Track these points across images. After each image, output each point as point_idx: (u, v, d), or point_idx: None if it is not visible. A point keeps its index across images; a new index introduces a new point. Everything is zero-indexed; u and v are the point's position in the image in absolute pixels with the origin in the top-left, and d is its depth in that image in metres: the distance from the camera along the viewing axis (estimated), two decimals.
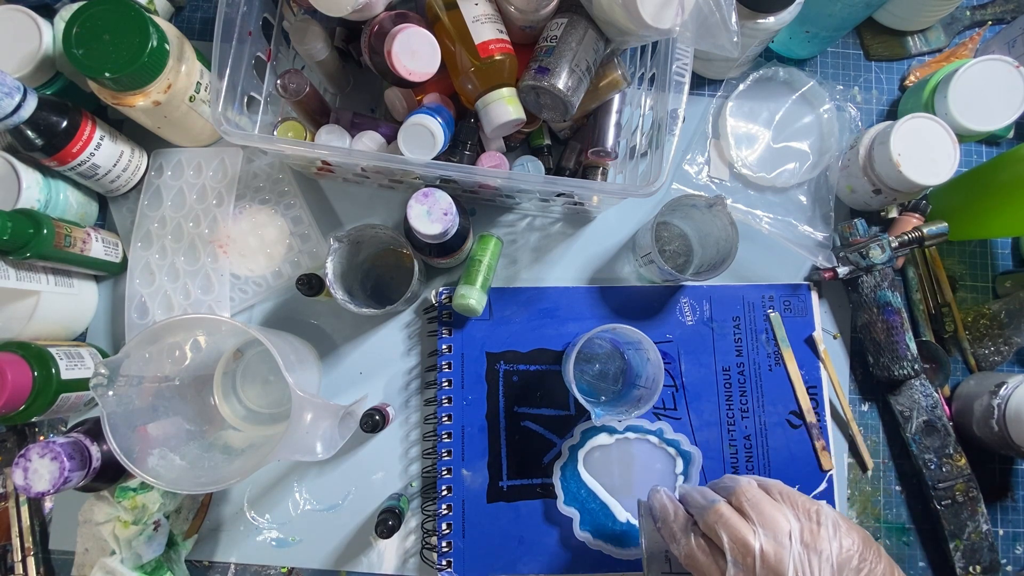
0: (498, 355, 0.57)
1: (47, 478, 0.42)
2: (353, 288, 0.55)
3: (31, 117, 0.47)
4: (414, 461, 0.57)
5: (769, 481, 0.39)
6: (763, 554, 0.34)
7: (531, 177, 0.49)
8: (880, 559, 0.34)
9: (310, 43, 0.51)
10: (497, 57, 0.47)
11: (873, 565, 0.34)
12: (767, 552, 0.34)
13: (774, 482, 0.38)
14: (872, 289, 0.55)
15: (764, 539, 0.34)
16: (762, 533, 0.35)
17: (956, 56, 0.64)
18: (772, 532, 0.35)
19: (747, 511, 0.36)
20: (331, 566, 0.55)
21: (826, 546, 0.34)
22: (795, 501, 0.36)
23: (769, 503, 0.36)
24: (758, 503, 0.36)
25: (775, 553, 0.34)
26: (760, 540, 0.34)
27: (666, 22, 0.43)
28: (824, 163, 0.60)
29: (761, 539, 0.34)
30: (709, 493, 0.39)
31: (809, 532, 0.34)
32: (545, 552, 0.54)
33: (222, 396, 0.54)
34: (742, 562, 0.35)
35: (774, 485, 0.38)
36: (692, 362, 0.57)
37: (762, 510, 0.36)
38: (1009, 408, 0.51)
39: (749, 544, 0.35)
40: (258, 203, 0.59)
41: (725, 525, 0.36)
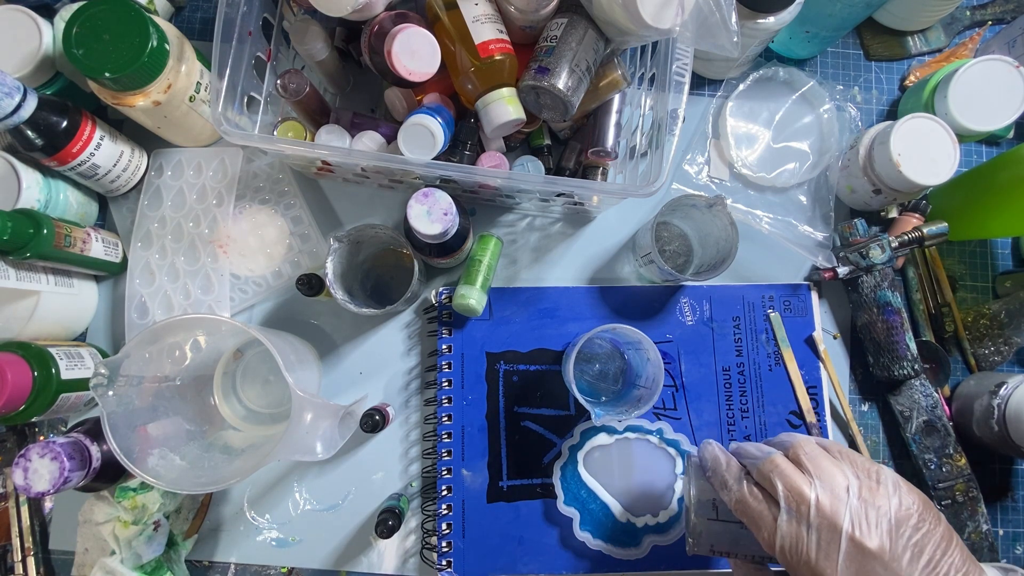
0: (498, 355, 0.57)
1: (47, 478, 0.42)
2: (353, 288, 0.55)
3: (31, 117, 0.47)
4: (414, 461, 0.57)
5: (828, 441, 0.38)
6: (819, 504, 0.34)
7: (531, 177, 0.49)
8: (939, 523, 0.34)
9: (310, 43, 0.51)
10: (497, 57, 0.47)
11: (932, 527, 0.33)
12: (823, 503, 0.34)
13: (833, 442, 0.38)
14: (872, 289, 0.55)
15: (820, 490, 0.34)
16: (819, 485, 0.34)
17: (956, 56, 0.64)
18: (829, 485, 0.34)
19: (804, 464, 0.35)
20: (331, 566, 0.55)
21: (884, 502, 0.33)
22: (854, 460, 0.36)
23: (827, 458, 0.36)
24: (816, 457, 0.36)
25: (831, 504, 0.34)
26: (816, 491, 0.34)
27: (666, 22, 0.43)
28: (824, 163, 0.60)
29: (817, 490, 0.34)
30: (765, 447, 0.39)
31: (868, 488, 0.34)
32: (545, 552, 0.54)
33: (222, 396, 0.54)
34: (796, 510, 0.34)
35: (833, 444, 0.37)
36: (692, 362, 0.57)
37: (819, 463, 0.35)
38: (1009, 408, 0.51)
39: (805, 494, 0.34)
40: (258, 203, 0.59)
41: (781, 474, 0.35)
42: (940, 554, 0.32)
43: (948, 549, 0.33)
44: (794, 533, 0.34)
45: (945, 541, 0.33)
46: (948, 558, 0.32)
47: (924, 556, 0.32)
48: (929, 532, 0.33)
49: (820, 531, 0.34)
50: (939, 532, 0.33)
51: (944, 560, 0.32)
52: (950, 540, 0.33)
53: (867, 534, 0.33)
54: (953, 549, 0.33)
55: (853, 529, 0.33)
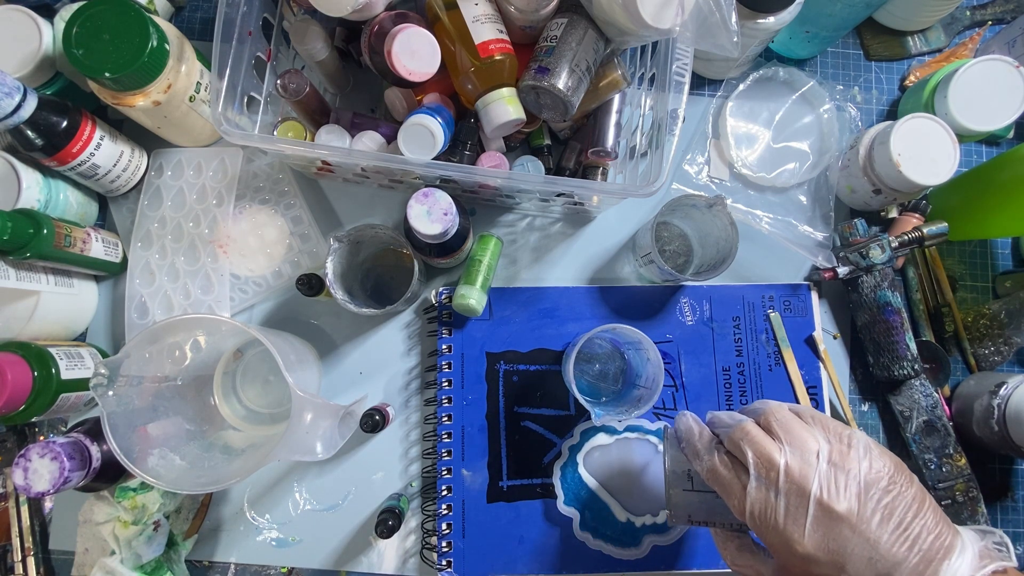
0: (498, 355, 0.57)
1: (47, 478, 0.42)
2: (353, 288, 0.55)
3: (31, 117, 0.47)
4: (414, 461, 0.57)
5: (801, 406, 0.38)
6: (788, 469, 0.34)
7: (531, 177, 0.50)
8: (911, 484, 0.33)
9: (310, 43, 0.51)
10: (497, 57, 0.47)
11: (903, 489, 0.33)
12: (792, 467, 0.34)
13: (806, 407, 0.38)
14: (872, 289, 0.55)
15: (790, 456, 0.34)
16: (788, 450, 0.34)
17: (956, 56, 0.64)
18: (799, 451, 0.34)
19: (775, 430, 0.35)
20: (331, 566, 0.55)
21: (855, 466, 0.33)
22: (827, 425, 0.36)
23: (799, 424, 0.35)
24: (787, 423, 0.35)
25: (800, 469, 0.33)
26: (786, 456, 0.34)
27: (666, 22, 0.43)
28: (824, 163, 0.60)
29: (787, 455, 0.34)
30: (737, 415, 0.39)
31: (838, 453, 0.34)
32: (545, 552, 0.54)
33: (222, 396, 0.54)
34: (765, 476, 0.34)
35: (806, 410, 0.37)
36: (692, 362, 0.57)
37: (790, 429, 0.35)
38: (1009, 408, 0.51)
39: (774, 459, 0.34)
40: (258, 203, 0.59)
41: (751, 442, 0.35)
42: (911, 516, 0.32)
43: (920, 511, 0.32)
44: (763, 499, 0.34)
45: (917, 503, 0.33)
46: (919, 520, 0.32)
47: (894, 518, 0.32)
48: (900, 494, 0.33)
49: (788, 496, 0.33)
50: (910, 494, 0.33)
51: (916, 522, 0.32)
52: (923, 502, 0.33)
53: (835, 498, 0.32)
54: (926, 511, 0.33)
55: (822, 493, 0.33)
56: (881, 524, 0.32)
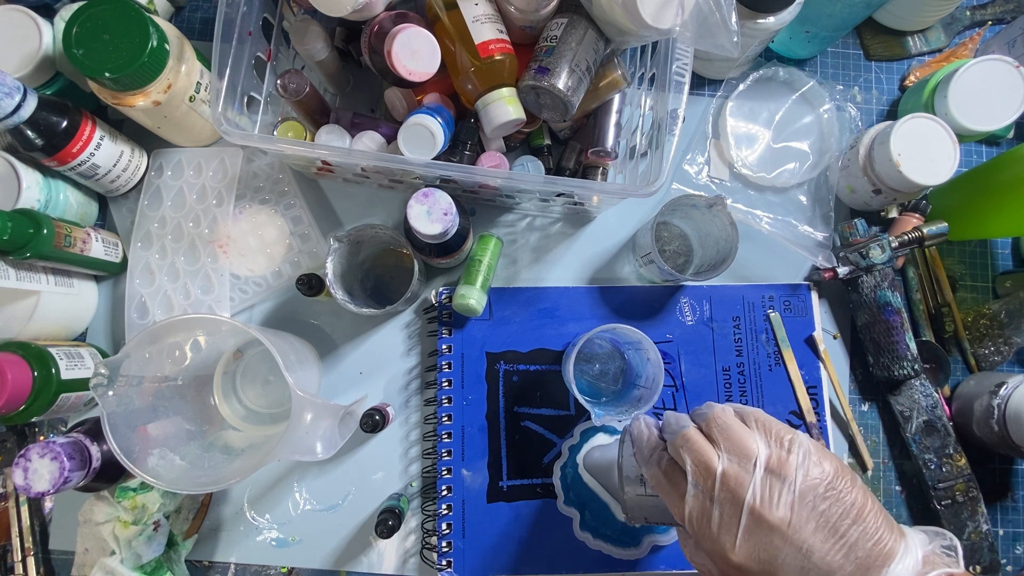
0: (498, 355, 0.57)
1: (47, 478, 0.42)
2: (353, 288, 0.55)
3: (31, 117, 0.47)
4: (414, 461, 0.57)
5: (748, 408, 0.37)
6: (724, 476, 0.33)
7: (531, 177, 0.49)
8: (853, 488, 0.32)
9: (310, 43, 0.51)
10: (497, 57, 0.47)
11: (843, 494, 0.32)
12: (728, 475, 0.33)
13: (754, 410, 0.36)
14: (872, 289, 0.55)
15: (727, 462, 0.33)
16: (726, 457, 0.33)
17: (956, 56, 0.64)
18: (738, 457, 0.33)
19: (715, 436, 0.35)
20: (331, 566, 0.55)
21: (791, 473, 0.32)
22: (769, 429, 0.35)
23: (740, 429, 0.35)
24: (727, 428, 0.35)
25: (736, 476, 0.33)
26: (723, 463, 0.33)
27: (666, 22, 0.43)
28: (824, 163, 0.60)
29: (724, 462, 0.33)
30: (684, 419, 0.38)
31: (777, 459, 0.33)
32: (545, 552, 0.54)
33: (222, 396, 0.54)
34: (702, 484, 0.34)
35: (752, 412, 0.36)
36: (692, 362, 0.57)
37: (730, 435, 0.34)
38: (1009, 408, 0.51)
39: (711, 466, 0.33)
40: (258, 203, 0.59)
41: (689, 449, 0.35)
42: (849, 522, 0.31)
43: (860, 516, 0.32)
44: (700, 507, 0.34)
45: (856, 509, 0.32)
46: (858, 526, 0.31)
47: (830, 525, 0.31)
48: (838, 500, 0.32)
49: (723, 504, 0.33)
50: (849, 500, 0.32)
51: (853, 528, 0.31)
52: (863, 508, 0.32)
53: (769, 506, 0.32)
54: (866, 516, 0.32)
55: (755, 501, 0.32)
56: (815, 532, 0.31)
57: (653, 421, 0.41)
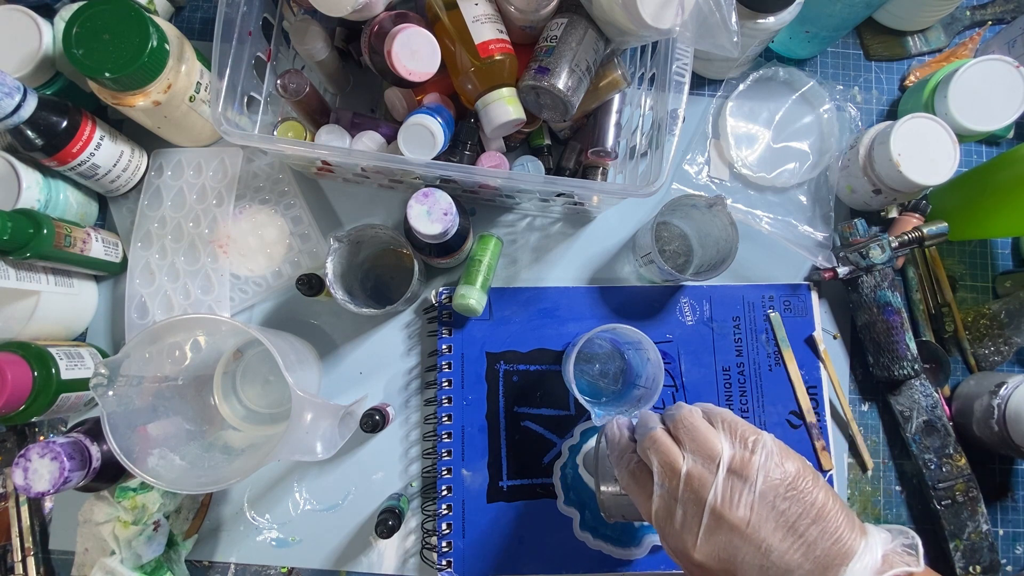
0: (498, 355, 0.57)
1: (47, 478, 0.42)
2: (353, 288, 0.55)
3: (31, 117, 0.47)
4: (414, 461, 0.57)
5: (716, 409, 0.37)
6: (688, 476, 0.34)
7: (531, 177, 0.49)
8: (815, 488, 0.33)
9: (310, 43, 0.51)
10: (497, 57, 0.47)
11: (804, 495, 0.32)
12: (692, 475, 0.33)
13: (721, 410, 0.37)
14: (872, 289, 0.55)
15: (692, 463, 0.34)
16: (690, 458, 0.34)
17: (956, 56, 0.64)
18: (702, 457, 0.34)
19: (681, 437, 0.35)
20: (331, 566, 0.55)
21: (753, 473, 0.33)
22: (735, 429, 0.35)
23: (705, 429, 0.35)
24: (693, 429, 0.35)
25: (700, 476, 0.33)
26: (688, 463, 0.34)
27: (666, 22, 0.43)
28: (824, 163, 0.60)
29: (689, 463, 0.34)
30: (653, 420, 0.38)
31: (740, 459, 0.33)
32: (545, 552, 0.54)
33: (222, 396, 0.54)
34: (668, 484, 0.34)
35: (720, 413, 0.37)
36: (692, 362, 0.57)
37: (695, 436, 0.35)
38: (1009, 408, 0.51)
39: (676, 467, 0.34)
40: (258, 203, 0.59)
41: (656, 450, 0.35)
42: (808, 522, 0.32)
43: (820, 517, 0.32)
44: (665, 506, 0.34)
45: (816, 509, 0.32)
46: (817, 526, 0.31)
47: (789, 524, 0.32)
48: (798, 501, 0.32)
49: (686, 504, 0.33)
50: (809, 500, 0.32)
51: (812, 528, 0.31)
52: (823, 507, 0.32)
53: (729, 506, 0.32)
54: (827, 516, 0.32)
55: (717, 501, 0.33)
56: (775, 531, 0.32)
57: (626, 422, 0.41)
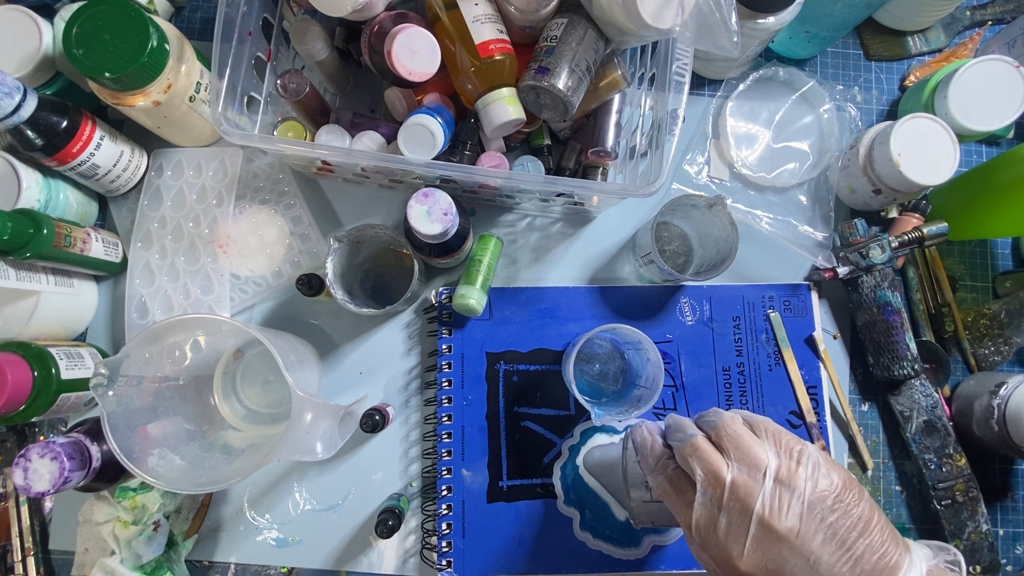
0: (498, 355, 0.57)
1: (47, 478, 0.42)
2: (353, 288, 0.55)
3: (31, 117, 0.47)
4: (414, 461, 0.57)
5: (757, 417, 0.37)
6: (733, 485, 0.33)
7: (531, 177, 0.49)
8: (860, 501, 0.33)
9: (310, 43, 0.51)
10: (497, 57, 0.47)
11: (850, 507, 0.32)
12: (738, 484, 0.33)
13: (762, 419, 0.36)
14: (872, 289, 0.55)
15: (737, 472, 0.33)
16: (736, 466, 0.34)
17: (956, 56, 0.64)
18: (747, 467, 0.33)
19: (725, 445, 0.35)
20: (331, 566, 0.55)
21: (801, 484, 0.32)
22: (779, 439, 0.35)
23: (749, 438, 0.35)
24: (737, 437, 0.35)
25: (745, 485, 0.33)
26: (733, 472, 0.34)
27: (666, 22, 0.43)
28: (824, 163, 0.60)
29: (734, 471, 0.34)
30: (690, 427, 0.38)
31: (786, 469, 0.33)
32: (545, 552, 0.54)
33: (222, 396, 0.54)
34: (711, 493, 0.34)
35: (761, 422, 0.36)
36: (692, 362, 0.57)
37: (740, 444, 0.34)
38: (1009, 408, 0.51)
39: (720, 476, 0.34)
40: (258, 203, 0.59)
41: (699, 458, 0.35)
42: (856, 535, 0.32)
43: (866, 530, 0.32)
44: (708, 515, 0.34)
45: (863, 522, 0.32)
46: (864, 539, 0.32)
47: (837, 538, 0.32)
48: (846, 513, 0.32)
49: (732, 513, 0.33)
50: (857, 513, 0.32)
51: (860, 541, 0.32)
52: (869, 521, 0.32)
53: (778, 516, 0.32)
54: (872, 530, 0.32)
55: (764, 511, 0.32)
56: (823, 544, 0.32)
57: (656, 427, 0.41)
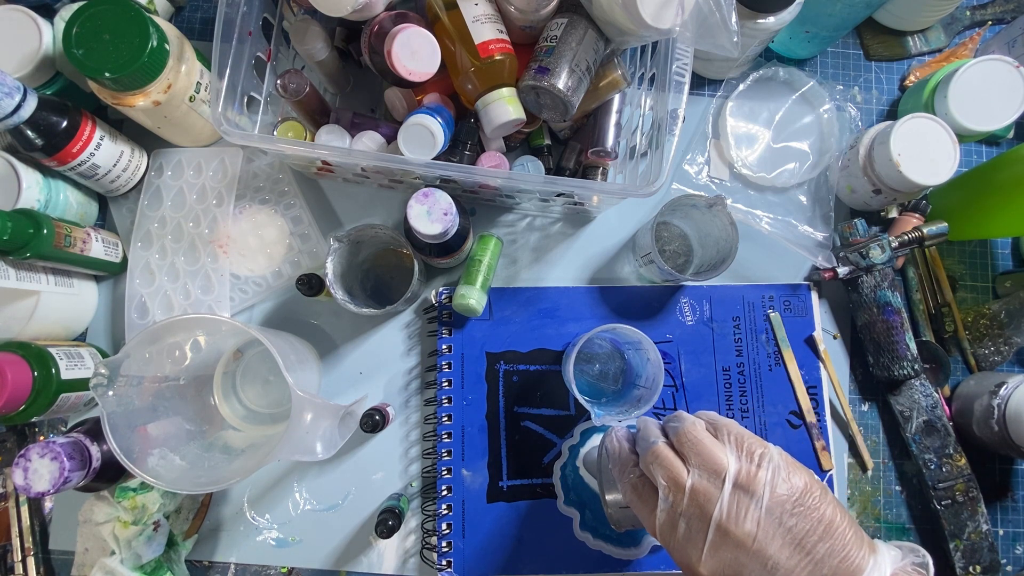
0: (498, 355, 0.57)
1: (47, 478, 0.42)
2: (353, 288, 0.55)
3: (31, 117, 0.47)
4: (414, 461, 0.57)
5: (722, 421, 0.36)
6: (692, 491, 0.33)
7: (531, 177, 0.49)
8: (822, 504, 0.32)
9: (310, 43, 0.51)
10: (497, 57, 0.47)
11: (811, 511, 0.32)
12: (697, 489, 0.33)
13: (727, 422, 0.36)
14: (872, 289, 0.55)
15: (697, 478, 0.34)
16: (696, 472, 0.34)
17: (956, 56, 0.64)
18: (707, 472, 0.34)
19: (685, 451, 0.35)
20: (331, 566, 0.55)
21: (759, 488, 0.32)
22: (741, 442, 0.35)
23: (710, 443, 0.35)
24: (697, 443, 0.35)
25: (705, 491, 0.33)
26: (692, 478, 0.34)
27: (666, 22, 0.43)
28: (824, 163, 0.60)
29: (694, 477, 0.34)
30: (654, 433, 0.38)
31: (746, 474, 0.33)
32: (545, 552, 0.54)
33: (222, 396, 0.54)
34: (672, 499, 0.34)
35: (725, 425, 0.36)
36: (692, 362, 0.57)
37: (700, 450, 0.34)
38: (1009, 408, 0.51)
39: (681, 481, 0.34)
40: (258, 203, 0.59)
41: (660, 465, 0.35)
42: (816, 539, 0.31)
43: (828, 533, 0.32)
44: (670, 521, 0.34)
45: (824, 526, 0.32)
46: (825, 543, 0.31)
47: (797, 541, 0.31)
48: (806, 516, 0.32)
49: (691, 519, 0.33)
50: (817, 516, 0.32)
51: (820, 545, 0.31)
52: (831, 524, 0.32)
53: (735, 521, 0.32)
54: (834, 532, 0.32)
55: (722, 516, 0.32)
56: (782, 548, 0.31)
57: (626, 433, 0.41)
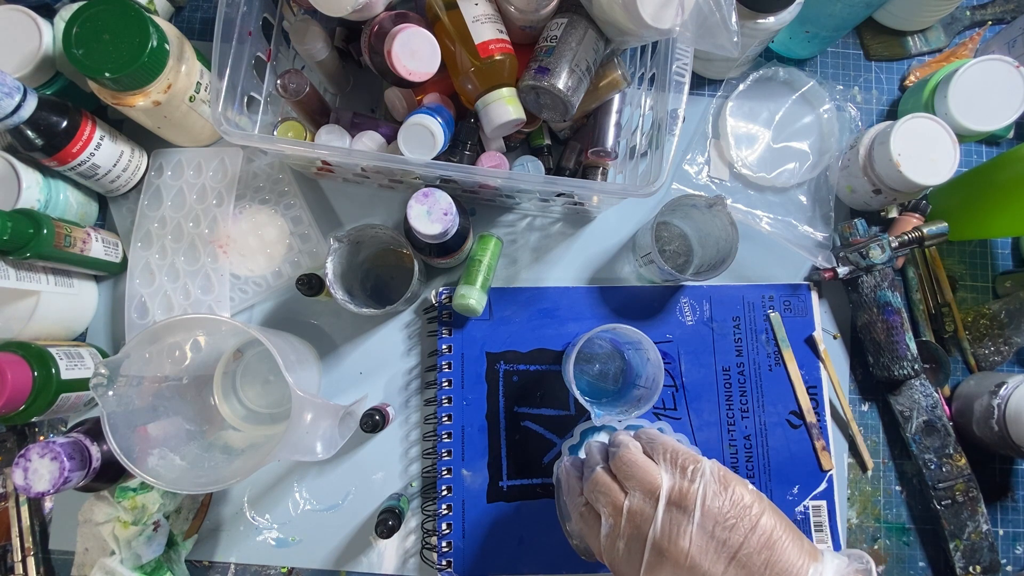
0: (498, 355, 0.57)
1: (47, 478, 0.42)
2: (353, 288, 0.55)
3: (31, 117, 0.47)
4: (414, 461, 0.57)
5: (658, 439, 0.37)
6: (629, 513, 0.34)
7: (531, 177, 0.49)
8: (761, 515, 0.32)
9: (310, 43, 0.51)
10: (497, 57, 0.47)
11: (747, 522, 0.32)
12: (633, 511, 0.34)
13: (663, 439, 0.37)
14: (872, 289, 0.55)
15: (633, 499, 0.34)
16: (632, 494, 0.34)
17: (956, 56, 0.64)
18: (642, 492, 0.34)
19: (621, 475, 0.36)
20: (331, 566, 0.55)
21: (691, 503, 0.32)
22: (675, 459, 0.35)
23: (644, 463, 0.35)
24: (631, 465, 0.35)
25: (641, 512, 0.33)
26: (630, 500, 0.34)
27: (666, 22, 0.43)
28: (824, 163, 0.60)
29: (630, 499, 0.34)
30: (595, 459, 0.39)
31: (679, 490, 0.33)
32: (545, 552, 0.54)
33: (222, 396, 0.54)
34: (613, 522, 0.35)
35: (660, 443, 0.36)
36: (692, 362, 0.57)
37: (635, 472, 0.35)
38: (1009, 408, 0.51)
39: (618, 504, 0.34)
40: (258, 203, 0.59)
41: (599, 491, 0.36)
42: (751, 550, 0.31)
43: (765, 545, 0.31)
44: (611, 544, 0.35)
45: (760, 536, 0.32)
46: (763, 554, 0.31)
47: (733, 555, 0.31)
48: (738, 529, 0.32)
49: (629, 540, 0.34)
50: (751, 527, 0.32)
51: (757, 556, 0.31)
52: (768, 534, 0.32)
53: (669, 539, 0.32)
54: (773, 543, 0.31)
55: (658, 535, 0.33)
56: (716, 562, 0.31)
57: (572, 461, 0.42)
